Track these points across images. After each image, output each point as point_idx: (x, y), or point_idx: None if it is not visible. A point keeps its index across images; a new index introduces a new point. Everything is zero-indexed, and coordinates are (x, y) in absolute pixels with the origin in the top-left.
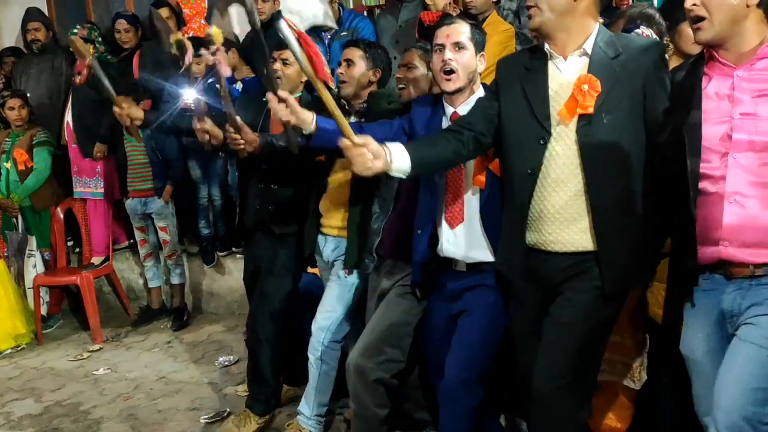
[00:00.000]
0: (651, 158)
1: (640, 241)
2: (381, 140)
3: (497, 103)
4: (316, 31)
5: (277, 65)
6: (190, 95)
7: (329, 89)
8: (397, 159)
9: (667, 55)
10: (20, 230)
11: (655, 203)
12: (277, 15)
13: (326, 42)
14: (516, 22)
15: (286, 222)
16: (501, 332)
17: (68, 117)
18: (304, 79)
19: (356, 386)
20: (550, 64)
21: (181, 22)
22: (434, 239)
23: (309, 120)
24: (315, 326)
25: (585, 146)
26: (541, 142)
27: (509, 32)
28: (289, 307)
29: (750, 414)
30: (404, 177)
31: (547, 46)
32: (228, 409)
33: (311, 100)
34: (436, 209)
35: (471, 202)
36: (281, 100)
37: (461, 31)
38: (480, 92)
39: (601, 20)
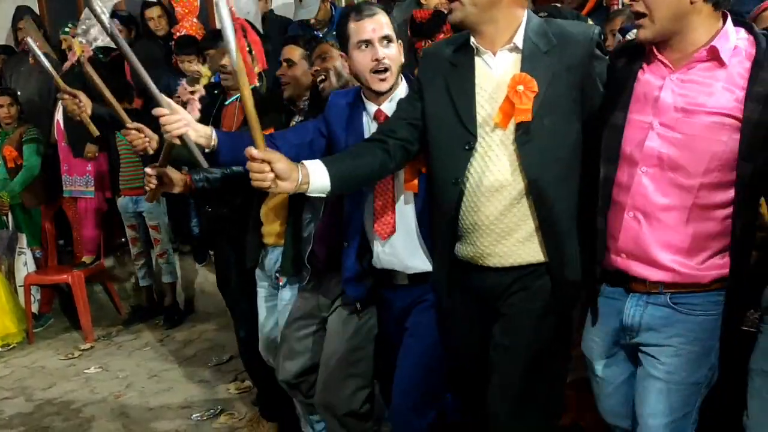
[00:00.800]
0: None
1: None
2: (296, 146)
3: (420, 104)
4: (309, 29)
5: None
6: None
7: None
8: (315, 178)
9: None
10: (10, 228)
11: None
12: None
13: None
14: None
15: (228, 237)
16: (440, 356)
17: (58, 116)
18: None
19: (329, 421)
20: (477, 59)
21: (173, 21)
22: (365, 251)
23: (207, 134)
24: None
25: (524, 152)
26: (467, 148)
27: None
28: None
29: None
30: (324, 196)
31: (473, 39)
32: (220, 407)
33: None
34: (362, 219)
35: (404, 210)
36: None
37: (385, 21)
38: (403, 85)
39: (537, 13)
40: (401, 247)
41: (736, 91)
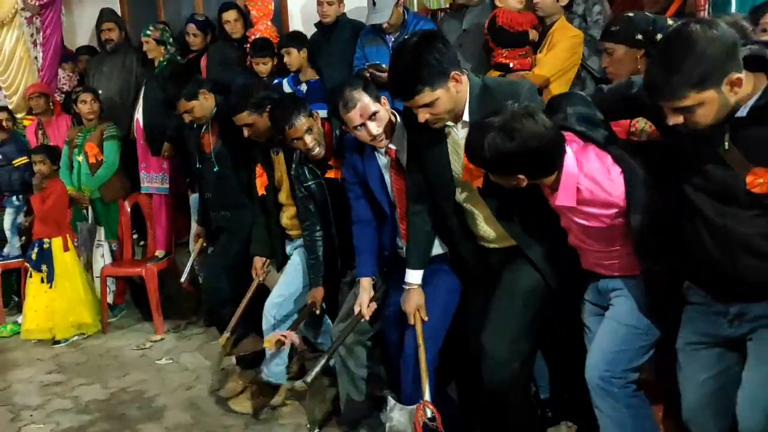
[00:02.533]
0: None
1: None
2: (368, 208)
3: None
4: (381, 33)
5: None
6: None
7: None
8: (416, 279)
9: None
10: (90, 221)
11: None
12: None
13: (390, 44)
14: (582, 24)
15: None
16: (455, 307)
17: (138, 114)
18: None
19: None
20: (447, 130)
21: (248, 24)
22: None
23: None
24: (268, 302)
25: (488, 202)
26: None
27: (578, 38)
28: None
29: (604, 373)
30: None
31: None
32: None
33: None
34: (392, 231)
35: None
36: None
37: (366, 102)
38: (398, 124)
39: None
40: None
41: None
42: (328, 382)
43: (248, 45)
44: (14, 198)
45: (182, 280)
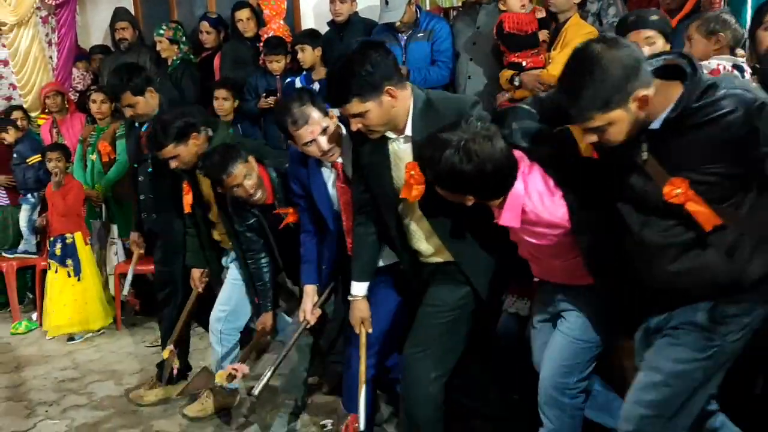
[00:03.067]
0: None
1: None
2: (313, 222)
3: (362, 178)
4: (394, 31)
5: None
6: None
7: None
8: (360, 291)
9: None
10: (103, 219)
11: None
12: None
13: (402, 43)
14: (596, 24)
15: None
16: (401, 319)
17: None
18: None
19: None
20: (389, 143)
21: (261, 23)
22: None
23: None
24: (212, 317)
25: (427, 216)
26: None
27: (592, 35)
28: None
29: (557, 383)
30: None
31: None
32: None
33: None
34: (335, 245)
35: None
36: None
37: (316, 117)
38: (345, 136)
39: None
40: None
41: None
42: (282, 384)
43: (261, 43)
44: (29, 196)
45: (124, 293)
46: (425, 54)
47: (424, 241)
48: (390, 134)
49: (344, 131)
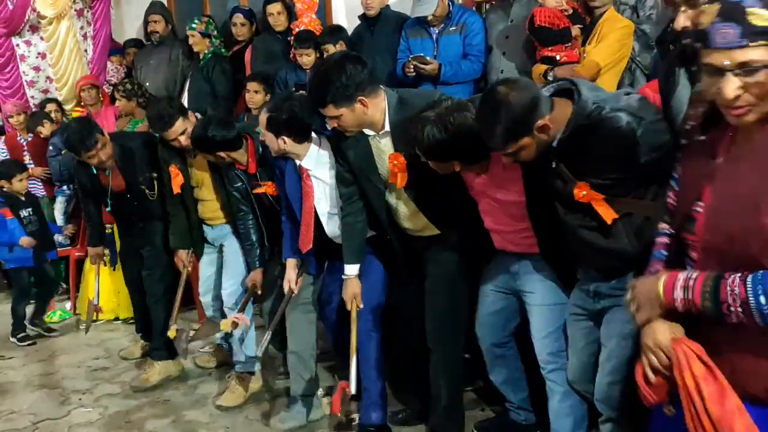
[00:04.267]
0: None
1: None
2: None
3: (348, 172)
4: (424, 25)
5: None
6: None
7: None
8: (352, 271)
9: None
10: None
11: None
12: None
13: (434, 36)
14: (633, 17)
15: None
16: (384, 291)
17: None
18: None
19: None
20: (371, 139)
21: (292, 17)
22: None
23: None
24: (224, 293)
25: (412, 197)
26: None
27: (628, 29)
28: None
29: (553, 349)
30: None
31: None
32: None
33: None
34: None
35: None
36: None
37: (270, 138)
38: (313, 146)
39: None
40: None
41: None
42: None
43: (292, 37)
44: (65, 187)
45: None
46: (457, 48)
47: (411, 220)
48: (369, 132)
49: (320, 140)
